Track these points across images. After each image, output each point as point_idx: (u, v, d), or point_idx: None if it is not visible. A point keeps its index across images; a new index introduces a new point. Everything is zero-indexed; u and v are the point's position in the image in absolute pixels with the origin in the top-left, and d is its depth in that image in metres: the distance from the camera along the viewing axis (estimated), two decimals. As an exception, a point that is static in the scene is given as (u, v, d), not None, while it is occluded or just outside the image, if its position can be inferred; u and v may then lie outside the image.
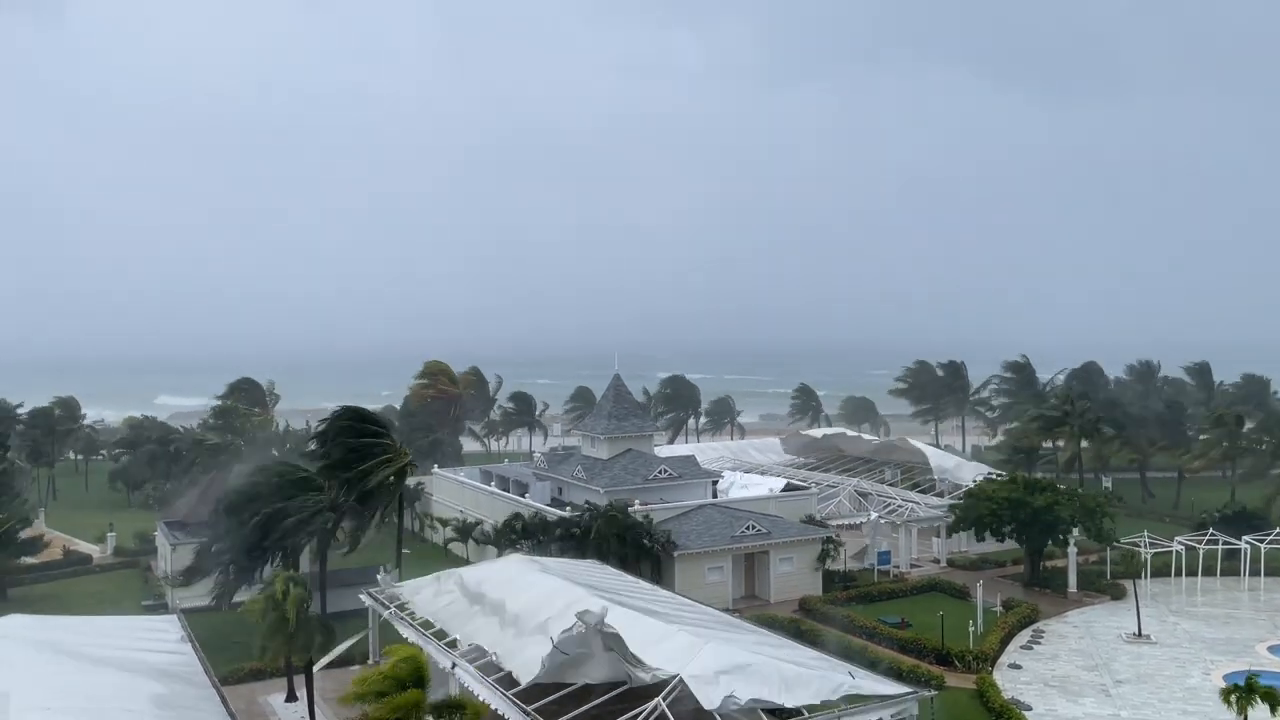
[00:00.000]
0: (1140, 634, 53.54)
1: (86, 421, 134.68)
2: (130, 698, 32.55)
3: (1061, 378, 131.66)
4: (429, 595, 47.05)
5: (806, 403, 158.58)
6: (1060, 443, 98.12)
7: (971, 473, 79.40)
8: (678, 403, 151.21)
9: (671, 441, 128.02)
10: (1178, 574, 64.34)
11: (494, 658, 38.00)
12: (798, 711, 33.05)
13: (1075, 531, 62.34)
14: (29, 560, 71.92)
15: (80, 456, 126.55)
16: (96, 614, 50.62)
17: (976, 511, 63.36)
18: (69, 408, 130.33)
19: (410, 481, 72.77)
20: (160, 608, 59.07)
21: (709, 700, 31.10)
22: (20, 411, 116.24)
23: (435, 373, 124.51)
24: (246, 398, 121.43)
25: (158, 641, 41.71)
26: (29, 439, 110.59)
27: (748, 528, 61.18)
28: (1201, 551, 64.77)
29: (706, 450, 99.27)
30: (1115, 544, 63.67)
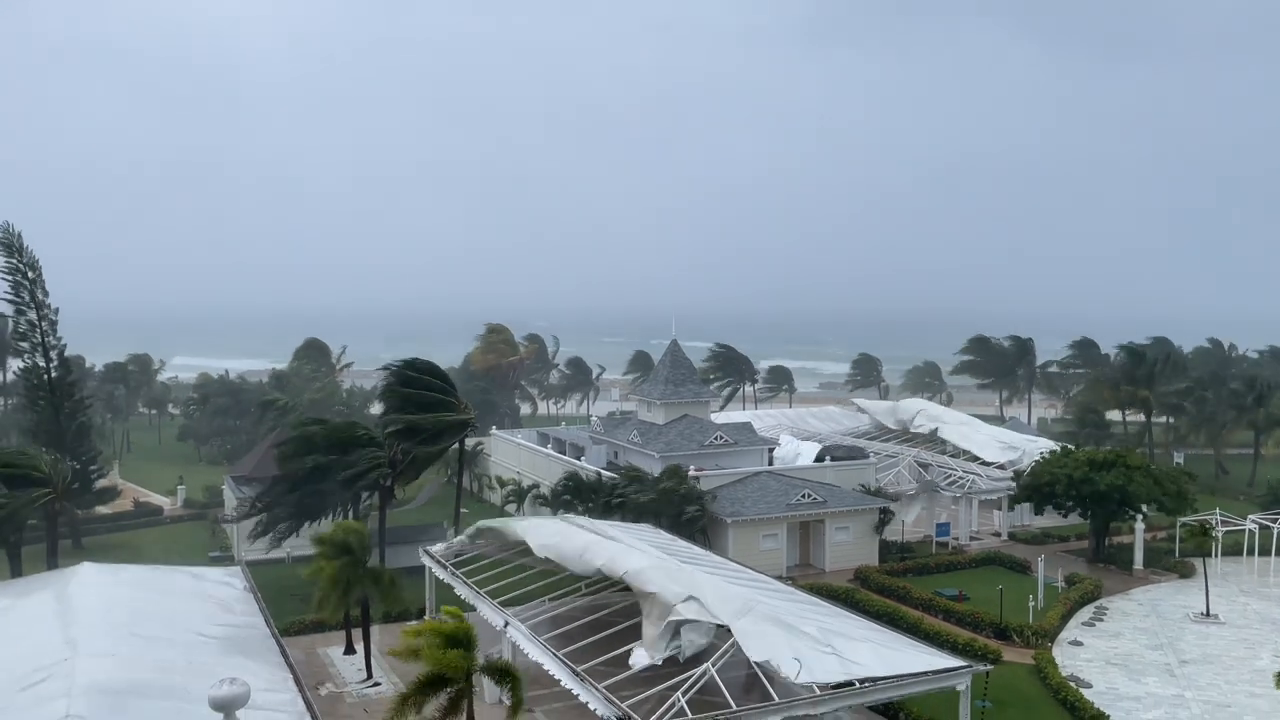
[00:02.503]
0: (1208, 614, 52.04)
1: (160, 378, 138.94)
2: (194, 647, 33.46)
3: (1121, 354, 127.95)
4: (487, 552, 47.59)
5: (868, 372, 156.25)
6: (1130, 414, 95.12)
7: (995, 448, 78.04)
8: (731, 369, 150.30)
9: (723, 408, 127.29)
10: (1249, 554, 62.31)
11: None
12: (849, 680, 32.77)
13: (1145, 507, 60.64)
14: (103, 510, 74.47)
15: (154, 411, 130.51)
16: (165, 564, 52.12)
17: (1039, 485, 61.90)
18: (143, 363, 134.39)
19: (469, 442, 73.67)
20: (226, 559, 60.74)
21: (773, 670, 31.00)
22: (96, 367, 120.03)
23: (495, 335, 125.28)
24: (315, 359, 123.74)
25: (222, 592, 42.80)
26: (104, 393, 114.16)
27: (803, 496, 60.67)
28: (1276, 531, 62.57)
29: (764, 417, 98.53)
30: (1185, 521, 61.84)
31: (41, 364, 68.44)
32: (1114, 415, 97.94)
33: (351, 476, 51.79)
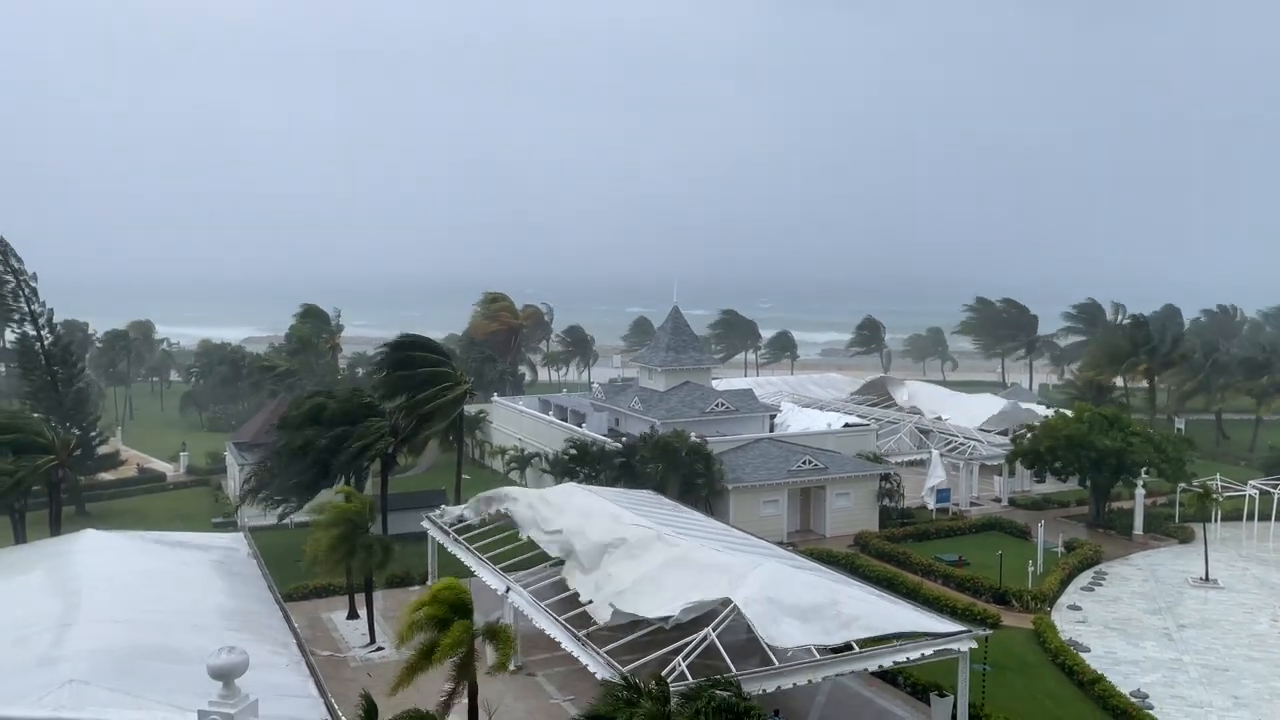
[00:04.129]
0: (1207, 578, 52.26)
1: (162, 345, 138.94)
2: (197, 612, 33.60)
3: (1128, 317, 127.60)
4: (484, 518, 47.72)
5: (871, 337, 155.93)
6: (1131, 381, 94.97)
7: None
8: (734, 335, 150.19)
9: (720, 363, 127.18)
10: (1249, 519, 62.45)
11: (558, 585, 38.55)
12: (849, 645, 32.92)
13: (1145, 473, 60.69)
14: (106, 476, 74.70)
15: (156, 378, 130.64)
16: (168, 530, 52.32)
17: (1034, 448, 61.82)
18: (144, 330, 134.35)
19: (470, 409, 73.70)
20: (229, 525, 60.99)
21: (773, 638, 31.00)
22: (97, 334, 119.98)
23: (495, 303, 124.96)
24: (313, 325, 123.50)
25: (225, 557, 42.95)
26: (106, 359, 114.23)
27: (804, 462, 60.75)
28: (1276, 496, 62.67)
29: (765, 384, 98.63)
30: (1186, 486, 61.93)
31: (32, 332, 68.41)
32: (1117, 381, 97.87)
33: (358, 448, 51.81)
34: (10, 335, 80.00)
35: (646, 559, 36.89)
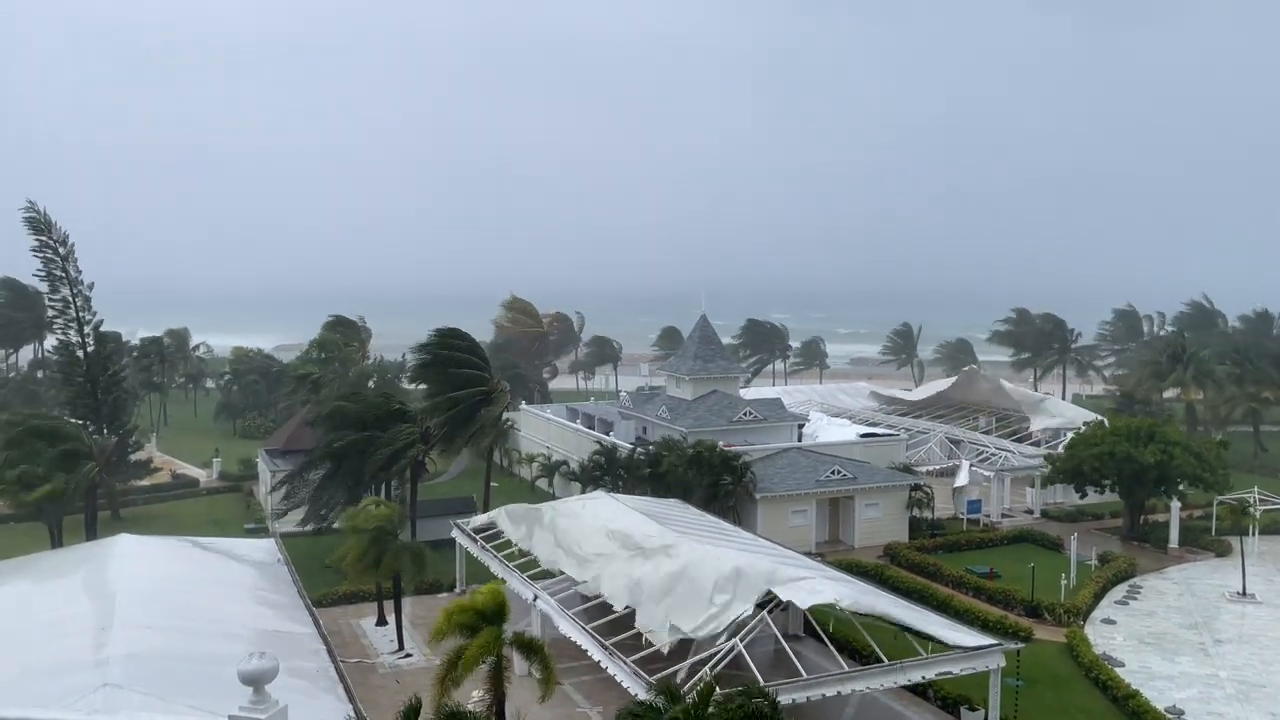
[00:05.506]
0: (1245, 593, 51.33)
1: (197, 352, 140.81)
2: (229, 618, 33.99)
3: (1166, 328, 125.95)
4: (513, 527, 47.84)
5: (902, 348, 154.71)
6: (1172, 392, 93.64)
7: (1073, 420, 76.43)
8: (762, 344, 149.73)
9: (748, 384, 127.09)
10: (1289, 533, 61.29)
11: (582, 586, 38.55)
12: (879, 658, 32.67)
13: (1181, 486, 59.72)
14: (140, 482, 75.70)
15: (190, 385, 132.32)
16: (201, 535, 52.94)
17: (1075, 463, 61.02)
18: (179, 338, 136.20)
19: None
20: (261, 531, 61.59)
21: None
22: (133, 341, 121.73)
23: (519, 309, 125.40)
24: (342, 334, 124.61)
25: (256, 563, 43.41)
26: (142, 365, 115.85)
27: (833, 472, 60.42)
28: (1317, 510, 61.57)
29: (793, 393, 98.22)
30: (1223, 499, 60.89)
31: (76, 339, 69.43)
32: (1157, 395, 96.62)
33: (390, 454, 52.09)
34: (52, 341, 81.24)
35: (684, 571, 36.62)
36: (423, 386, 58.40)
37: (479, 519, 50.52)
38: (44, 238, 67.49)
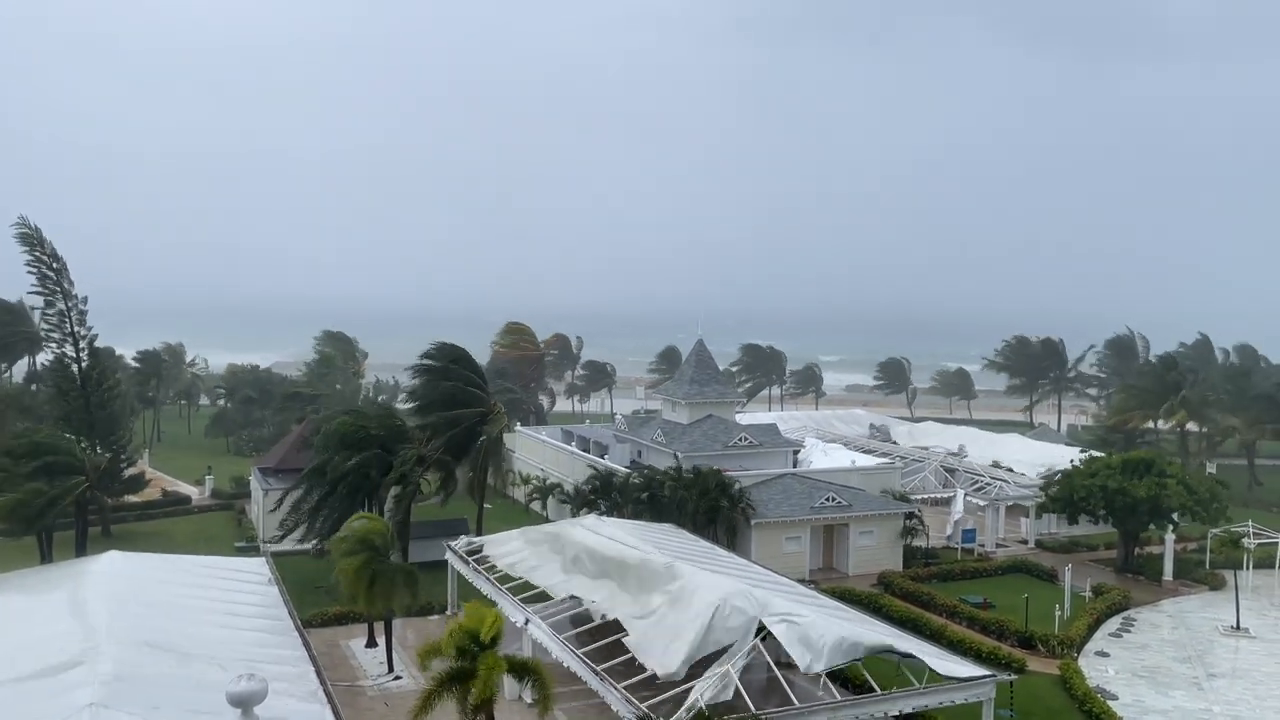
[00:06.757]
0: (1239, 627, 51.16)
1: (192, 368, 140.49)
2: (217, 638, 33.68)
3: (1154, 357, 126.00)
4: (505, 551, 47.63)
5: (894, 378, 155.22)
6: (1162, 423, 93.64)
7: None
8: (759, 367, 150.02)
9: (744, 407, 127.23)
10: (1283, 567, 61.16)
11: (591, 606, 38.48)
12: (871, 688, 32.47)
13: (1176, 517, 59.66)
14: (132, 499, 75.29)
15: (184, 401, 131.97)
16: (192, 553, 52.59)
17: (1070, 493, 60.98)
18: (175, 353, 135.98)
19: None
20: (251, 550, 61.21)
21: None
22: (128, 357, 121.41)
23: (516, 333, 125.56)
24: (338, 351, 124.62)
25: (246, 582, 43.09)
26: (136, 381, 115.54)
27: (828, 499, 60.27)
28: (1311, 545, 61.44)
29: (789, 419, 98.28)
30: (1217, 532, 60.81)
31: (70, 354, 69.22)
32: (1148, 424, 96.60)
33: (388, 473, 51.75)
34: (47, 356, 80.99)
35: (679, 597, 36.34)
36: (415, 404, 58.07)
37: (492, 538, 50.22)
38: (36, 253, 67.41)
